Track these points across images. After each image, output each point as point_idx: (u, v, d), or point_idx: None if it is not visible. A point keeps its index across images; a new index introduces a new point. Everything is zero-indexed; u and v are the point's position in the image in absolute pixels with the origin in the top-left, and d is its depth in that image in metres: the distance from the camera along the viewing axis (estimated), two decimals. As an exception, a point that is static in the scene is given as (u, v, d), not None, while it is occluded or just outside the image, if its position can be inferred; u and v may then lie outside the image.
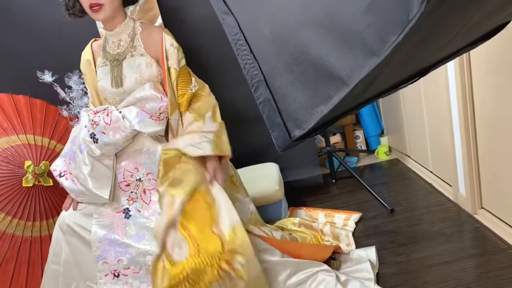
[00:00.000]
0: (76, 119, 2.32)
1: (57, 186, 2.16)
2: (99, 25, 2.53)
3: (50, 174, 2.15)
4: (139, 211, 1.79)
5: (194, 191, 1.70)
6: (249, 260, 1.65)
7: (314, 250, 2.02)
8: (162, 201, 1.69)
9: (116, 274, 1.77)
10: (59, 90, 2.30)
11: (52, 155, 2.20)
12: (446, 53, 0.94)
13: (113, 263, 1.76)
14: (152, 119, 1.77)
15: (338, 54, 0.69)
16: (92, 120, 1.78)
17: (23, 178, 2.04)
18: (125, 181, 1.83)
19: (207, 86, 1.90)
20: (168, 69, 1.79)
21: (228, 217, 1.68)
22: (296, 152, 2.95)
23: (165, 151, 1.76)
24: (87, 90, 2.29)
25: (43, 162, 2.12)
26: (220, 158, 1.83)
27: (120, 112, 1.77)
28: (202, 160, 1.80)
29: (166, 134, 1.86)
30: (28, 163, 2.07)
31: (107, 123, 1.76)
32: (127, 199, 1.82)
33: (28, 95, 2.27)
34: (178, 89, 1.81)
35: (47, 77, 2.24)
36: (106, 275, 1.77)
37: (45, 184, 2.11)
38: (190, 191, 1.69)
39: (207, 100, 1.86)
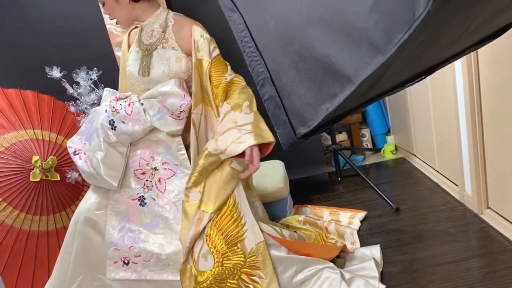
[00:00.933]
0: (84, 115, 2.34)
1: (64, 181, 2.18)
2: (107, 22, 2.54)
3: (57, 169, 2.16)
4: (154, 199, 1.82)
5: (223, 205, 1.75)
6: (268, 275, 1.72)
7: (322, 250, 2.02)
8: (190, 212, 1.72)
9: (126, 262, 1.79)
10: (67, 85, 2.32)
11: (60, 150, 2.21)
12: (452, 52, 0.94)
13: (124, 250, 1.79)
14: (172, 117, 1.79)
15: (343, 52, 0.70)
16: (113, 107, 1.80)
17: (31, 173, 2.06)
18: (141, 169, 1.86)
19: (242, 78, 1.87)
20: (199, 61, 1.79)
21: (253, 234, 1.76)
22: (302, 149, 2.96)
23: (206, 156, 1.74)
24: (94, 86, 2.31)
25: (50, 157, 2.14)
26: (264, 147, 1.80)
27: (142, 104, 1.79)
28: (237, 172, 1.79)
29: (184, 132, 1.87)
30: (35, 158, 2.09)
31: (127, 113, 1.78)
32: (142, 187, 1.84)
33: (36, 91, 2.28)
34: (213, 80, 1.79)
35: (55, 73, 2.26)
36: (115, 262, 1.80)
37: (52, 179, 2.13)
38: (220, 206, 1.74)
39: (245, 90, 1.83)
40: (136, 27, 1.97)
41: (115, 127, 1.79)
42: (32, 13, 2.43)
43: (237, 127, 1.74)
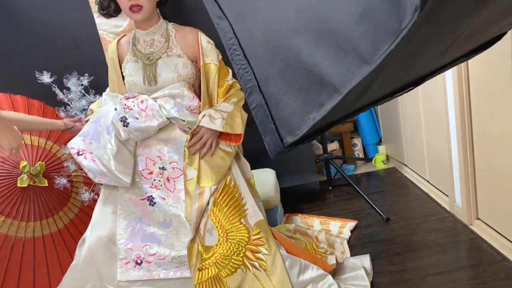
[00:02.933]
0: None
1: (52, 187, 2.16)
2: (99, 27, 2.53)
3: (45, 175, 2.14)
4: (164, 198, 1.83)
5: (224, 185, 1.81)
6: (272, 250, 1.77)
7: (318, 262, 2.01)
8: (190, 189, 1.77)
9: (139, 262, 1.78)
10: (57, 91, 2.30)
11: (48, 156, 2.19)
12: (441, 64, 0.94)
13: (138, 249, 1.78)
14: (188, 111, 1.83)
15: (330, 61, 0.69)
16: (125, 105, 1.81)
17: (18, 178, 2.03)
18: (148, 169, 1.86)
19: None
20: (208, 65, 1.86)
21: (253, 213, 1.82)
22: (293, 158, 2.96)
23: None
24: (84, 92, 2.30)
25: (38, 162, 2.12)
26: (233, 137, 1.87)
27: (156, 101, 1.81)
28: (232, 154, 1.87)
29: None
30: (23, 163, 2.06)
31: (142, 109, 1.79)
32: (150, 187, 1.85)
33: (26, 96, 2.27)
34: (219, 82, 1.88)
35: (46, 78, 2.24)
36: (127, 263, 1.78)
37: (40, 185, 2.10)
38: (219, 182, 1.80)
39: (239, 91, 1.92)
40: (124, 36, 1.97)
41: (128, 123, 1.80)
42: (23, 18, 2.42)
43: (215, 109, 1.84)
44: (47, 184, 2.13)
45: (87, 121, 1.96)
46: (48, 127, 2.05)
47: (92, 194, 2.24)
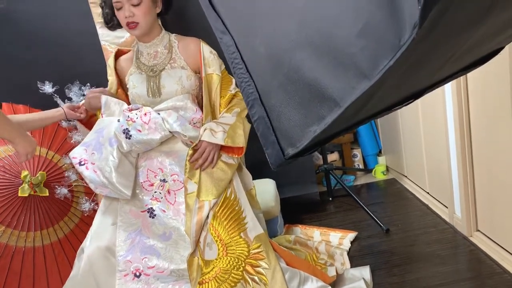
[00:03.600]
0: (75, 130, 2.34)
1: (53, 196, 2.16)
2: (101, 37, 2.56)
3: (46, 185, 2.15)
4: (164, 211, 1.82)
5: (224, 198, 1.81)
6: (272, 265, 1.76)
7: (318, 274, 2.01)
8: (190, 203, 1.77)
9: (138, 274, 1.76)
10: (59, 101, 2.31)
11: (50, 166, 2.20)
12: (440, 77, 0.96)
13: (137, 262, 1.76)
14: (191, 125, 1.83)
15: (331, 75, 0.71)
16: (128, 117, 1.81)
17: (19, 188, 2.04)
18: (148, 180, 1.86)
19: None
20: (210, 75, 1.87)
21: (253, 226, 1.82)
22: (293, 169, 2.96)
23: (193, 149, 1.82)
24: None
25: (39, 172, 2.12)
26: (236, 149, 1.86)
27: (159, 114, 1.81)
28: (234, 166, 1.86)
29: None
30: (24, 172, 2.07)
31: (145, 122, 1.80)
32: (150, 199, 1.84)
33: (28, 105, 2.28)
34: (221, 92, 1.89)
35: (48, 88, 2.25)
36: (125, 275, 1.76)
37: (41, 195, 2.11)
38: (219, 196, 1.80)
39: (241, 101, 1.91)
40: (123, 53, 1.99)
41: (130, 136, 1.80)
42: (25, 28, 2.44)
43: (217, 122, 1.83)
44: (48, 194, 2.13)
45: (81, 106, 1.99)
46: (52, 120, 2.01)
47: (92, 204, 2.24)
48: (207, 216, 1.76)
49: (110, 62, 2.01)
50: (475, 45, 0.87)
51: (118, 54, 2.02)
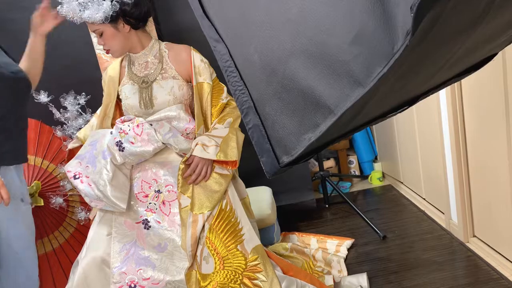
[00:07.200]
0: (70, 140, 2.33)
1: (48, 206, 2.15)
2: (96, 47, 2.56)
3: (41, 194, 2.13)
4: (159, 222, 1.81)
5: (220, 210, 1.78)
6: (269, 277, 1.74)
7: (315, 281, 2.00)
8: (184, 217, 1.75)
9: (133, 286, 1.75)
10: (54, 110, 2.31)
11: (45, 175, 2.19)
12: (434, 84, 0.96)
13: (132, 273, 1.75)
14: (183, 137, 1.82)
15: (325, 83, 0.70)
16: (121, 129, 1.80)
17: (14, 198, 2.02)
18: (143, 192, 1.85)
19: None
20: (201, 84, 1.84)
21: (250, 238, 1.80)
22: (289, 176, 2.96)
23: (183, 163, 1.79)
24: (81, 111, 2.30)
25: (34, 182, 2.11)
26: (229, 163, 1.83)
27: (151, 125, 1.80)
28: (229, 177, 1.83)
29: None
30: (19, 182, 2.06)
31: (137, 134, 1.79)
32: (145, 210, 1.83)
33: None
34: (212, 101, 1.86)
35: (43, 97, 2.25)
36: (120, 287, 1.75)
37: (36, 204, 2.10)
38: (213, 208, 1.77)
39: (234, 110, 1.90)
40: (123, 57, 1.98)
41: (123, 148, 1.79)
42: (20, 37, 2.44)
43: (209, 135, 1.80)
44: (43, 204, 2.12)
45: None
46: (38, 49, 1.98)
47: (88, 213, 2.23)
48: (203, 229, 1.75)
49: (113, 71, 1.97)
50: (468, 52, 0.88)
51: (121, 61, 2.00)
